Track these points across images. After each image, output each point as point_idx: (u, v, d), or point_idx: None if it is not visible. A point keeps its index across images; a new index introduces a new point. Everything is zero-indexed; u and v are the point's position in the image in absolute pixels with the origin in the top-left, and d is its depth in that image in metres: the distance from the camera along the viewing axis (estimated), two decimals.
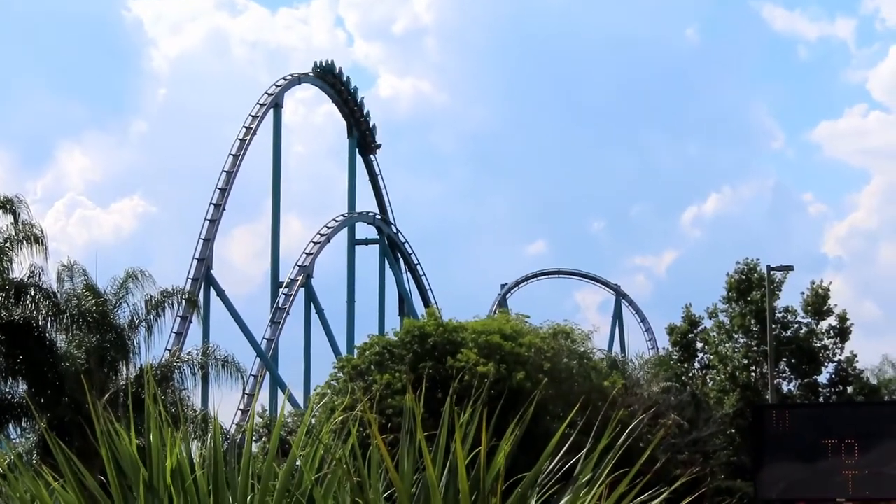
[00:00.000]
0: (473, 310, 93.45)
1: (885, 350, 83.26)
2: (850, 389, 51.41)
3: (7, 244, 30.03)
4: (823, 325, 51.29)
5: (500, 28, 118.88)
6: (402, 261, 73.18)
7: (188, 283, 55.09)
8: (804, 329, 51.01)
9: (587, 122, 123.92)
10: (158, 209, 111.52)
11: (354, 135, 69.70)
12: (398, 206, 76.95)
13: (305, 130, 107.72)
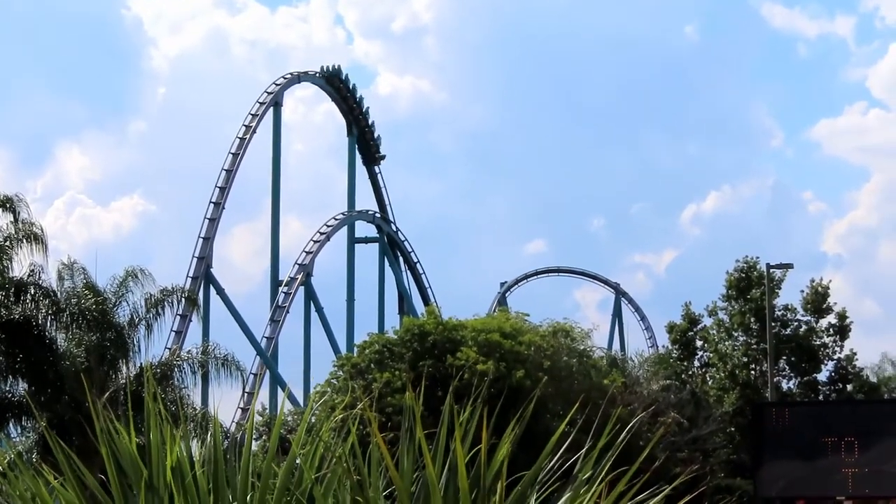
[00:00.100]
0: (473, 308, 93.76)
1: (885, 348, 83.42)
2: (850, 387, 51.41)
3: (7, 243, 30.04)
4: (823, 323, 51.29)
5: (500, 27, 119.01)
6: (402, 259, 73.15)
7: (188, 282, 55.10)
8: (804, 327, 51.00)
9: (586, 121, 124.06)
10: (158, 208, 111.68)
11: (354, 133, 69.64)
12: (398, 205, 77.05)
13: (305, 129, 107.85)
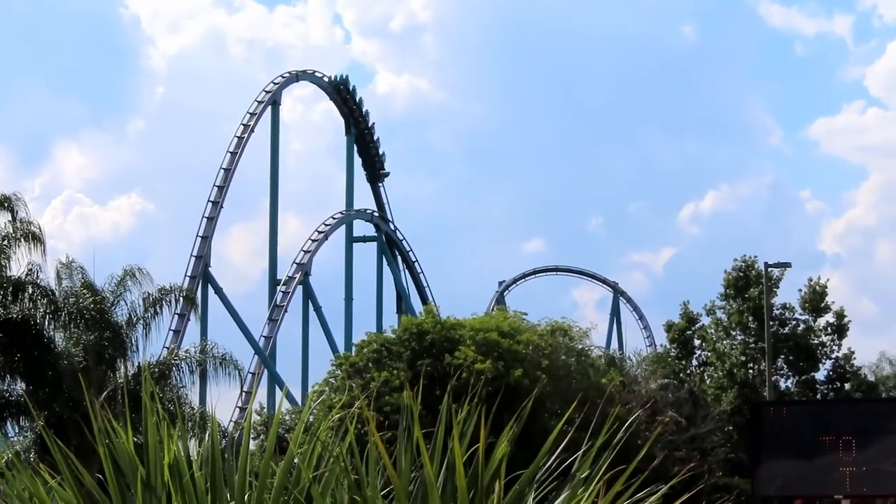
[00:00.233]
0: (471, 307, 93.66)
1: (883, 347, 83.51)
2: (848, 386, 51.44)
3: (5, 242, 30.04)
4: (821, 322, 51.30)
5: (497, 25, 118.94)
6: (400, 258, 73.15)
7: (186, 281, 55.08)
8: (802, 326, 51.02)
9: (584, 120, 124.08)
10: (156, 207, 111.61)
11: (352, 132, 69.63)
12: (396, 204, 76.95)
13: (303, 128, 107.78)
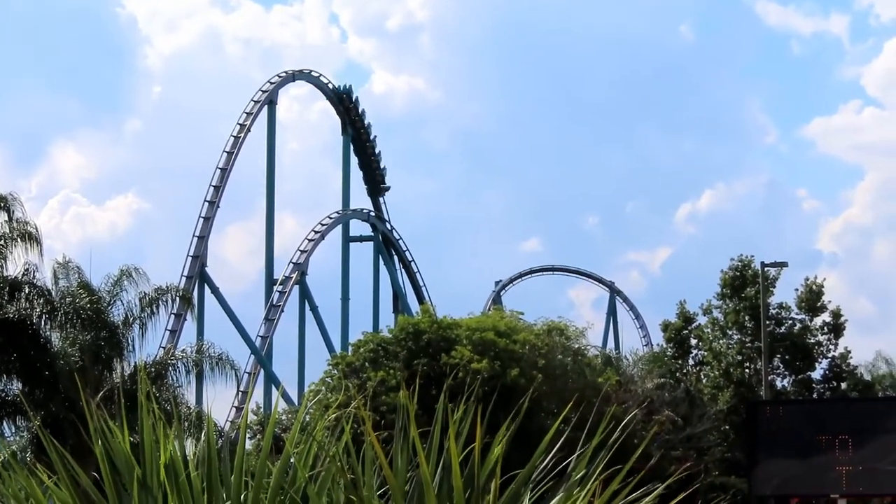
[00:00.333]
0: (468, 307, 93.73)
1: (879, 346, 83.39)
2: (844, 385, 51.47)
3: (1, 242, 30.02)
4: (817, 322, 51.34)
5: (495, 25, 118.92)
6: (397, 258, 73.13)
7: (182, 281, 55.04)
8: (798, 325, 51.06)
9: (581, 119, 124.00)
10: (153, 206, 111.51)
11: (349, 132, 69.63)
12: (392, 204, 76.96)
13: (300, 127, 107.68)
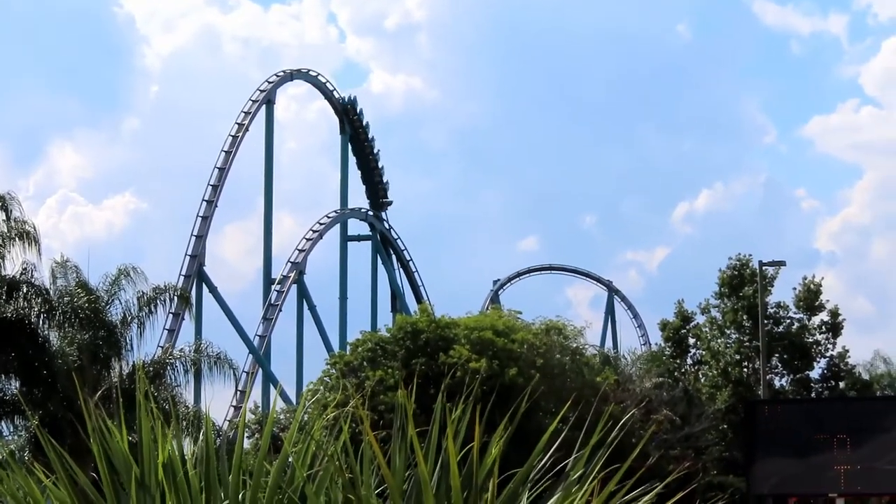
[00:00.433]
0: (466, 306, 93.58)
1: (877, 345, 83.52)
2: (843, 385, 51.50)
3: None
4: (815, 321, 51.37)
5: (492, 24, 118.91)
6: (395, 257, 73.15)
7: (180, 280, 55.01)
8: (796, 324, 51.07)
9: (579, 118, 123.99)
10: (150, 206, 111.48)
11: (347, 131, 69.63)
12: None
13: (298, 127, 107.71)
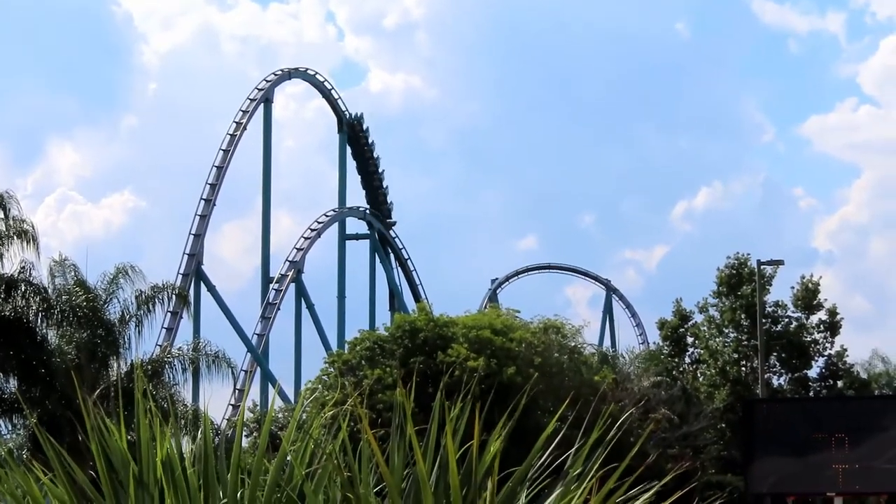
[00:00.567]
0: (464, 305, 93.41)
1: (875, 344, 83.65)
2: (841, 384, 51.52)
3: None
4: (814, 320, 51.38)
5: (491, 23, 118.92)
6: (393, 256, 73.17)
7: (178, 279, 55.01)
8: (794, 323, 51.08)
9: (578, 117, 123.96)
10: (149, 204, 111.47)
11: (345, 130, 69.70)
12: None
13: (296, 125, 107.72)
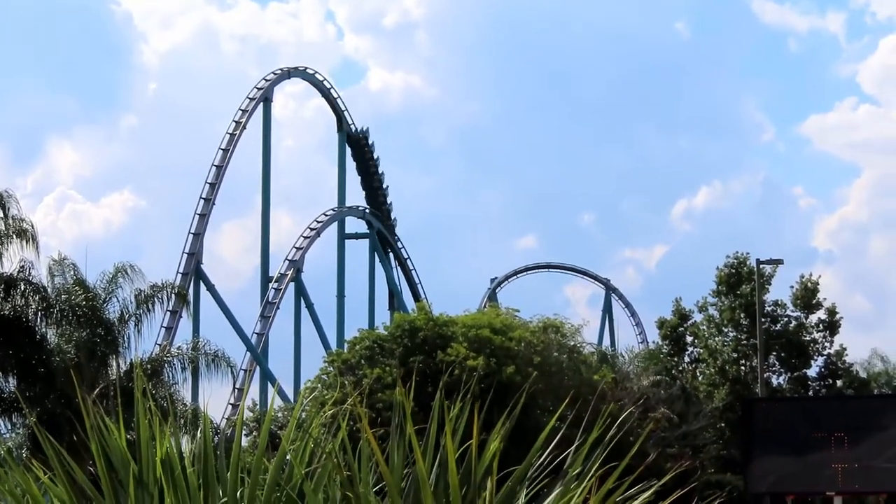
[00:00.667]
0: (463, 304, 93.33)
1: (875, 343, 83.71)
2: (840, 383, 51.51)
3: None
4: (813, 319, 51.37)
5: (491, 22, 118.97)
6: (392, 255, 73.17)
7: (178, 278, 55.02)
8: (794, 323, 51.07)
9: (577, 117, 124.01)
10: (148, 204, 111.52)
11: (344, 129, 69.73)
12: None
13: (295, 124, 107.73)
